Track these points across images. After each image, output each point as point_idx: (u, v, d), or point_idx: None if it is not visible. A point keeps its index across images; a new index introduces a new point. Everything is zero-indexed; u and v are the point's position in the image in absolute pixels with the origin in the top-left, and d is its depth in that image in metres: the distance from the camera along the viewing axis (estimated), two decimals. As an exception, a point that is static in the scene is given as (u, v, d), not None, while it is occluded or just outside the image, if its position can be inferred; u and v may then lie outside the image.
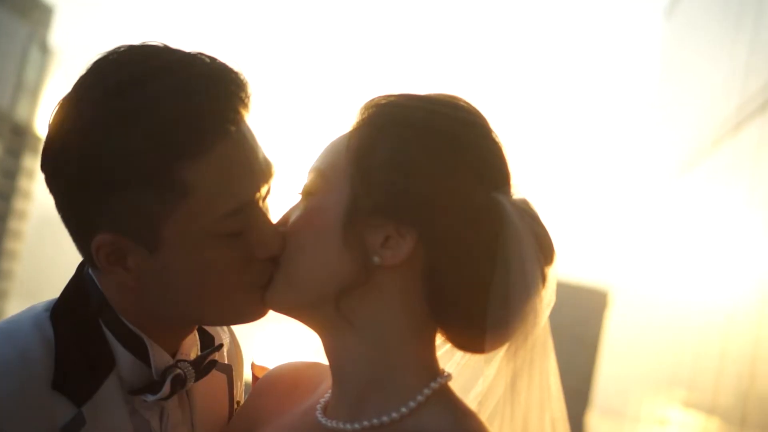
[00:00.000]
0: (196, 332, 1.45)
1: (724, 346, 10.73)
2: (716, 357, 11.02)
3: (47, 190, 1.33)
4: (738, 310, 10.30)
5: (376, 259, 1.26)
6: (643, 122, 24.99)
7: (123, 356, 1.34)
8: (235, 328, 1.60)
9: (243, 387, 1.58)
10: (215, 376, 1.47)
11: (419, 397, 1.28)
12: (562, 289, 5.61)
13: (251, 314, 1.37)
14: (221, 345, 1.46)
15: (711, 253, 12.31)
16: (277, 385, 1.48)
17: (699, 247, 13.26)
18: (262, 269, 1.32)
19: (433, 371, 1.31)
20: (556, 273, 1.33)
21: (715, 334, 11.30)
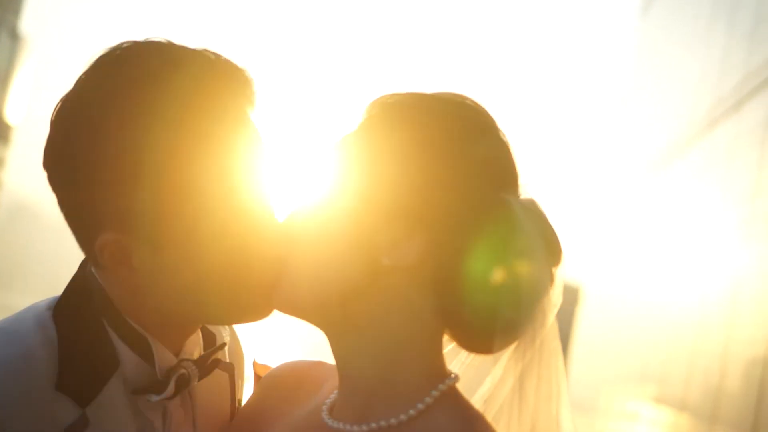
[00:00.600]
0: (199, 331, 1.44)
1: (695, 342, 10.81)
2: (687, 353, 11.10)
3: (19, 179, 1.30)
4: (709, 307, 10.38)
5: (384, 260, 1.25)
6: (618, 119, 25.10)
7: (127, 356, 1.32)
8: (236, 325, 1.58)
9: (244, 385, 1.57)
10: (217, 375, 1.45)
11: (427, 399, 1.27)
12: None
13: (256, 314, 1.36)
14: (224, 344, 1.45)
15: (683, 251, 12.40)
16: (281, 384, 1.47)
17: (671, 245, 13.34)
18: (268, 269, 1.31)
19: (440, 373, 1.30)
20: (563, 273, 1.33)
21: (686, 331, 11.38)
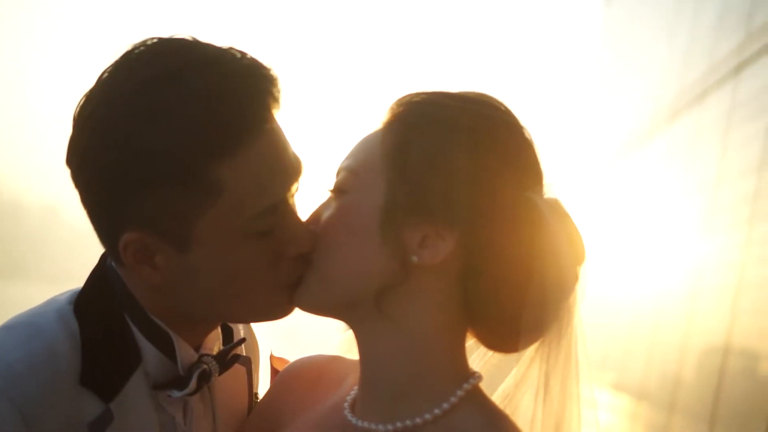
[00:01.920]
0: (219, 327, 1.44)
1: (654, 331, 10.92)
2: (646, 342, 11.21)
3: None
4: (669, 296, 10.48)
5: (414, 258, 1.25)
6: (580, 107, 25.23)
7: (149, 351, 1.32)
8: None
9: (259, 378, 1.57)
10: (235, 369, 1.45)
11: (452, 399, 1.27)
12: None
13: (279, 313, 1.35)
14: (244, 339, 1.45)
15: (644, 239, 12.50)
16: (300, 378, 1.47)
17: (632, 233, 13.45)
18: (292, 268, 1.30)
19: (465, 372, 1.31)
20: (587, 271, 1.33)
21: (645, 320, 11.49)
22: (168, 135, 1.21)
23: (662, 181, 12.15)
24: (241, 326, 1.53)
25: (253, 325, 1.59)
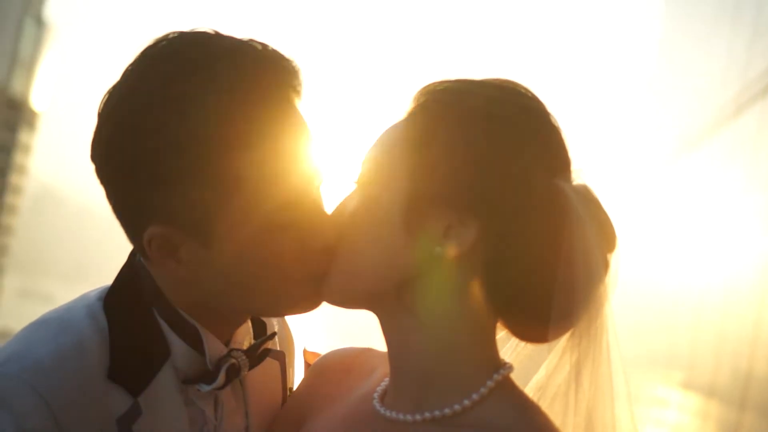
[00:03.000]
0: (249, 321, 1.44)
1: (722, 327, 10.82)
2: (715, 338, 11.11)
3: (39, 164, 1.34)
4: (736, 292, 10.38)
5: (438, 249, 1.24)
6: (641, 106, 24.98)
7: (177, 345, 1.33)
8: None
9: (294, 373, 1.57)
10: (268, 363, 1.45)
11: (482, 389, 1.26)
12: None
13: (306, 306, 1.35)
14: (274, 333, 1.44)
15: (708, 236, 12.39)
16: (330, 371, 1.47)
17: (696, 230, 13.33)
18: (317, 261, 1.30)
19: (494, 362, 1.29)
20: (619, 259, 1.31)
21: (713, 316, 11.38)
22: (188, 128, 1.21)
23: (725, 176, 12.03)
24: (275, 321, 1.52)
25: (290, 319, 1.59)
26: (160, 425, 1.30)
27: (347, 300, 1.32)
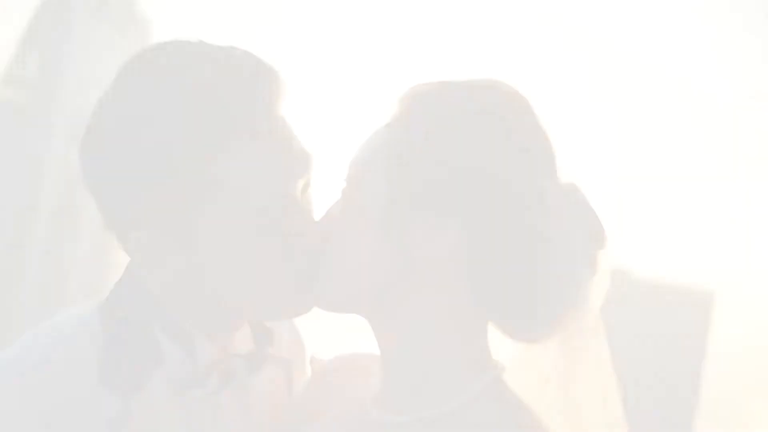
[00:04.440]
0: (248, 326, 1.44)
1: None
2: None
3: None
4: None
5: (420, 251, 1.25)
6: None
7: (170, 349, 1.34)
8: (301, 321, 1.57)
9: (304, 380, 1.56)
10: (273, 371, 1.46)
11: (472, 390, 1.27)
12: (661, 291, 5.26)
13: (294, 309, 1.37)
14: (272, 339, 1.45)
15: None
16: (331, 376, 1.48)
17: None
18: (302, 264, 1.32)
19: (484, 362, 1.31)
20: (610, 257, 1.31)
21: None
22: (164, 133, 1.25)
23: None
24: (283, 328, 1.53)
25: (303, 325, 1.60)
26: (152, 429, 1.31)
27: (333, 305, 1.34)
